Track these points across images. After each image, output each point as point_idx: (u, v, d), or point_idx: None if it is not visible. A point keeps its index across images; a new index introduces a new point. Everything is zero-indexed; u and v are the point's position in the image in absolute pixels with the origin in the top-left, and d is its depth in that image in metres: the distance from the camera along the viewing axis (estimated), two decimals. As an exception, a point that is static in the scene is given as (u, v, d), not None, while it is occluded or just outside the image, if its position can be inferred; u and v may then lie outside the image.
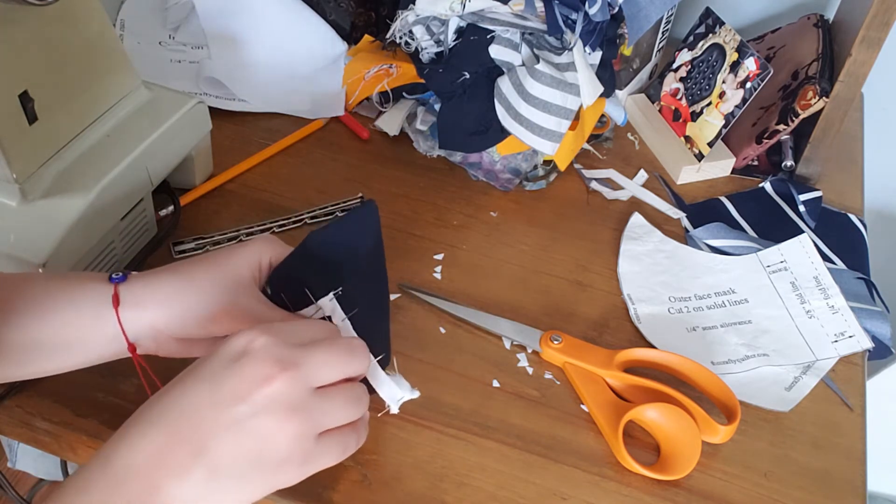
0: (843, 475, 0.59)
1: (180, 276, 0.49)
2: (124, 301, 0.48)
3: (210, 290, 0.48)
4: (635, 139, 0.89)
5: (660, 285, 0.72)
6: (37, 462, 1.09)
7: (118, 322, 0.48)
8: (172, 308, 0.48)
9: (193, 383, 0.40)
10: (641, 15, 0.78)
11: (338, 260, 0.49)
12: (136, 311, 0.48)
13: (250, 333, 0.41)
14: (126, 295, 0.48)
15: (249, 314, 0.48)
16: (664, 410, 0.58)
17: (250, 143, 0.81)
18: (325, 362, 0.42)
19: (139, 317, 0.48)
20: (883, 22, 0.73)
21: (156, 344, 0.50)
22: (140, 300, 0.48)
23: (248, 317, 0.47)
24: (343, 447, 0.43)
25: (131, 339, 0.49)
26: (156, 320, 0.48)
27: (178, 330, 0.48)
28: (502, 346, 0.65)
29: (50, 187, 0.60)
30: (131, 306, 0.48)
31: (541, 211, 0.79)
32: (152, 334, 0.49)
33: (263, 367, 0.40)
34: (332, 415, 0.42)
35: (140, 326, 0.48)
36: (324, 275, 0.49)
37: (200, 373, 0.41)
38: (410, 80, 0.81)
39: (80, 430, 0.56)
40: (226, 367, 0.40)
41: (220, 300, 0.48)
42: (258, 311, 0.48)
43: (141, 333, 0.49)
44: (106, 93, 0.65)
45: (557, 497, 0.56)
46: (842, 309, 0.69)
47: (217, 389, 0.40)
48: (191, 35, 0.92)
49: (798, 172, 0.85)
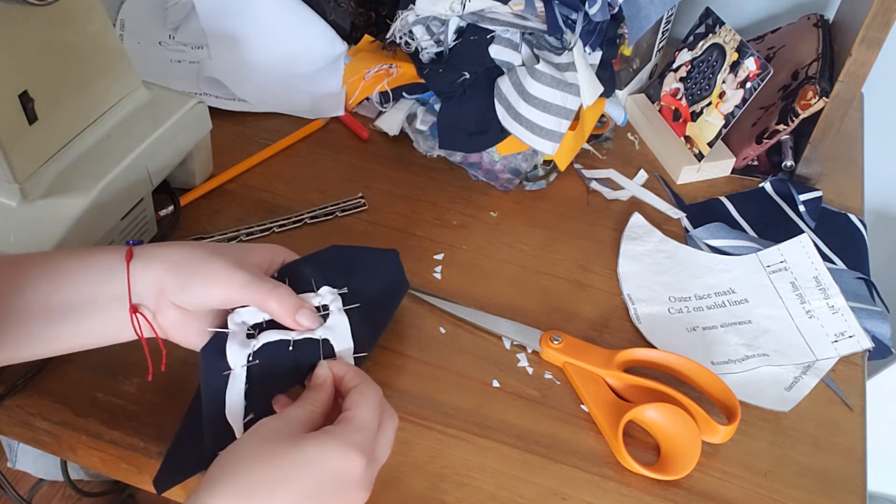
0: (843, 475, 0.59)
1: (195, 245, 0.51)
2: (136, 256, 0.50)
3: (217, 259, 0.50)
4: (635, 139, 0.89)
5: (660, 285, 0.72)
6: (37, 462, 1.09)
7: (127, 275, 0.49)
8: (179, 267, 0.49)
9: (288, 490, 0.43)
10: (641, 15, 0.78)
11: (349, 270, 0.53)
12: (145, 266, 0.49)
13: (350, 455, 0.44)
14: (139, 252, 0.50)
15: (244, 282, 0.49)
16: (664, 410, 0.58)
17: (250, 143, 0.81)
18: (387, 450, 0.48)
19: (146, 275, 0.49)
20: (883, 22, 0.73)
21: (155, 307, 0.50)
22: (151, 256, 0.50)
23: (243, 285, 0.49)
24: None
25: (135, 299, 0.49)
26: (162, 278, 0.49)
27: (179, 292, 0.49)
28: (502, 346, 0.65)
29: (50, 187, 0.60)
30: (142, 261, 0.49)
31: (541, 211, 0.79)
32: (155, 294, 0.50)
33: (360, 493, 0.46)
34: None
35: (146, 284, 0.49)
36: (332, 276, 0.52)
37: (296, 480, 0.43)
38: (410, 80, 0.81)
39: (80, 430, 0.56)
40: (331, 485, 0.44)
41: (224, 264, 0.49)
42: (252, 280, 0.49)
43: (145, 292, 0.50)
44: (106, 93, 0.65)
45: (557, 497, 0.56)
46: (842, 309, 0.69)
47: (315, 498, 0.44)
48: (191, 35, 0.92)
49: (798, 172, 0.85)
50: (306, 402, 0.48)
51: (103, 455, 0.56)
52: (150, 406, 0.58)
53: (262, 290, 0.49)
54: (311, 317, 0.50)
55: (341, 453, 0.44)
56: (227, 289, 0.49)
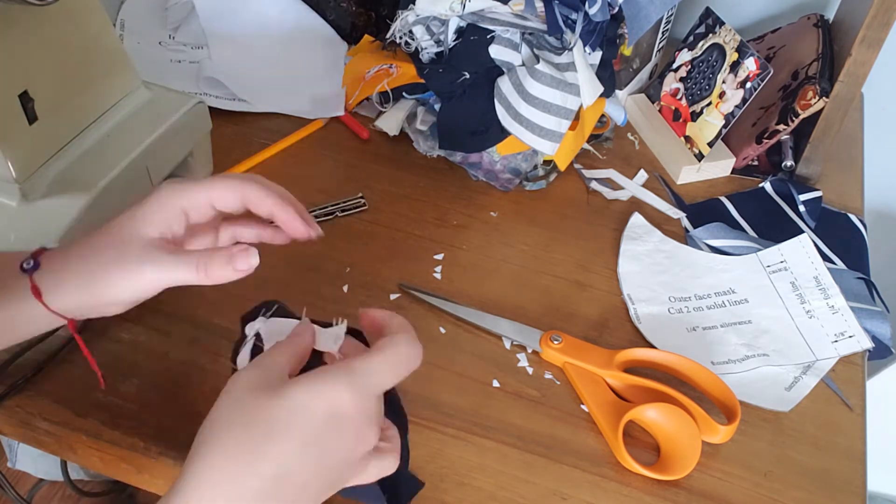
0: (843, 475, 0.59)
1: (89, 246, 0.48)
2: (45, 290, 0.47)
3: (117, 257, 0.47)
4: (635, 139, 0.89)
5: (660, 285, 0.72)
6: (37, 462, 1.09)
7: (48, 309, 0.47)
8: (90, 285, 0.47)
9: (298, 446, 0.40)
10: (641, 15, 0.78)
11: None
12: (59, 297, 0.47)
13: (338, 392, 0.40)
14: (44, 283, 0.48)
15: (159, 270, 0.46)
16: (664, 410, 0.58)
17: (250, 143, 0.81)
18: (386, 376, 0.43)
19: (64, 302, 0.48)
20: (883, 22, 0.73)
21: (91, 312, 0.49)
22: (59, 287, 0.48)
23: (160, 274, 0.46)
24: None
25: (66, 315, 0.48)
26: (80, 303, 0.48)
27: (104, 305, 0.48)
28: (502, 346, 0.65)
29: (50, 187, 0.60)
30: (53, 295, 0.47)
31: (541, 211, 0.79)
32: (82, 310, 0.48)
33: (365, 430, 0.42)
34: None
35: (70, 308, 0.48)
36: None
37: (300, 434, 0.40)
38: (410, 80, 0.81)
39: (80, 430, 0.56)
40: (326, 428, 0.40)
41: (129, 266, 0.47)
42: (166, 266, 0.46)
43: (73, 312, 0.48)
44: (106, 93, 0.65)
45: (557, 497, 0.56)
46: (842, 309, 0.69)
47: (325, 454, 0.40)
48: (191, 35, 0.92)
49: (798, 172, 0.85)
50: (285, 346, 0.44)
51: (103, 455, 0.56)
52: (150, 406, 0.58)
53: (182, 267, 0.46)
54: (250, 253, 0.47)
55: (329, 392, 0.40)
56: (149, 282, 0.46)
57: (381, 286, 0.69)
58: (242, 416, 0.40)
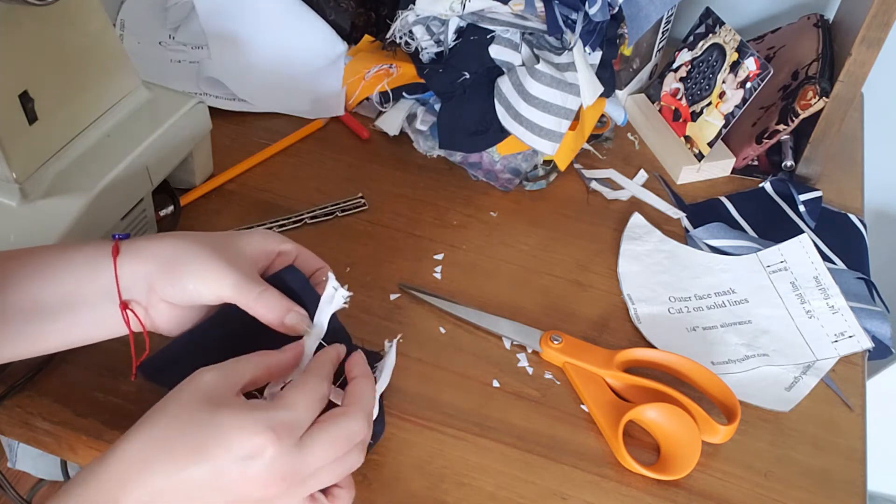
0: (843, 475, 0.59)
1: (185, 237, 0.50)
2: (124, 252, 0.48)
3: (208, 256, 0.48)
4: (635, 139, 0.89)
5: (660, 285, 0.72)
6: (37, 462, 1.09)
7: (114, 272, 0.47)
8: (169, 263, 0.48)
9: (191, 462, 0.41)
10: (641, 15, 0.78)
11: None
12: (133, 261, 0.48)
13: (260, 438, 0.41)
14: (126, 246, 0.49)
15: (234, 283, 0.48)
16: (664, 410, 0.58)
17: (250, 143, 0.81)
18: (327, 467, 0.44)
19: (134, 270, 0.48)
20: (883, 22, 0.73)
21: (146, 302, 0.49)
22: (139, 251, 0.48)
23: (233, 286, 0.48)
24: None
25: (125, 295, 0.48)
26: (151, 274, 0.48)
27: (169, 289, 0.48)
28: (502, 346, 0.65)
29: (50, 187, 0.60)
30: (129, 256, 0.48)
31: (541, 211, 0.79)
32: (145, 290, 0.48)
33: (269, 482, 0.41)
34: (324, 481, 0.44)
35: (135, 281, 0.48)
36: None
37: (201, 453, 0.41)
38: (410, 80, 0.81)
39: (80, 430, 0.56)
40: (234, 463, 0.41)
41: (215, 262, 0.48)
42: (241, 281, 0.48)
43: (135, 288, 0.48)
44: (106, 93, 0.65)
45: (557, 497, 0.56)
46: (842, 309, 0.69)
47: (218, 480, 0.41)
48: (191, 35, 0.92)
49: (798, 172, 0.85)
50: (257, 358, 0.45)
51: (103, 455, 0.56)
52: (150, 406, 0.58)
53: (252, 293, 0.48)
54: (300, 319, 0.49)
55: (252, 432, 0.40)
56: (218, 288, 0.48)
57: (381, 286, 0.69)
58: (179, 423, 0.42)
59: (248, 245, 0.51)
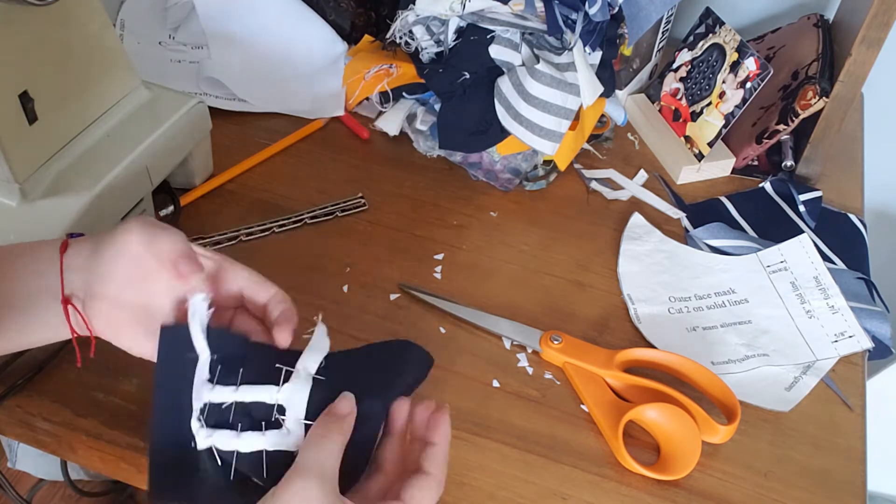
0: (843, 475, 0.59)
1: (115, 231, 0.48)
2: (72, 245, 0.48)
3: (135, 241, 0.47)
4: (635, 139, 0.89)
5: (660, 285, 0.72)
6: (37, 462, 1.09)
7: (60, 266, 0.47)
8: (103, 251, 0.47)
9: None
10: (641, 15, 0.78)
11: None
12: (77, 254, 0.47)
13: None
14: (75, 241, 0.48)
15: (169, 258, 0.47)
16: (664, 410, 0.58)
17: (250, 143, 0.81)
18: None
19: (77, 264, 0.47)
20: (883, 22, 0.73)
21: (84, 297, 0.47)
22: (83, 245, 0.48)
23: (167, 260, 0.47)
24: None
25: (68, 289, 0.47)
26: (90, 264, 0.47)
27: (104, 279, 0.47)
28: (502, 346, 0.65)
29: (50, 187, 0.60)
30: (75, 249, 0.47)
31: (541, 211, 0.79)
32: (84, 285, 0.47)
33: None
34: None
35: (78, 273, 0.47)
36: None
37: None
38: (410, 80, 0.81)
39: (80, 430, 0.56)
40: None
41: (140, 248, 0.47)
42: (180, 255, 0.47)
43: (77, 282, 0.47)
44: (106, 93, 0.65)
45: (557, 497, 0.56)
46: (842, 309, 0.69)
47: None
48: (191, 35, 0.92)
49: (798, 172, 0.85)
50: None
51: (103, 455, 0.56)
52: (150, 406, 0.58)
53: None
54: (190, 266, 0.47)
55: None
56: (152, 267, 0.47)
57: (381, 286, 0.69)
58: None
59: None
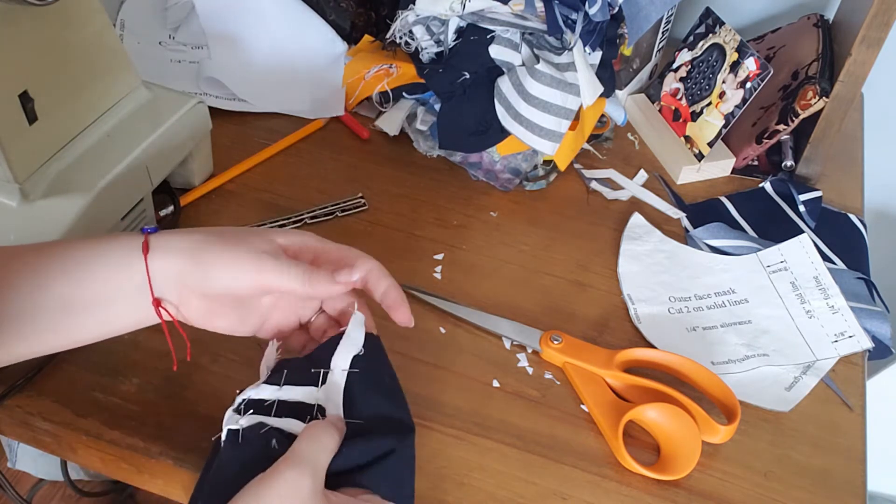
0: (843, 475, 0.59)
1: (211, 230, 0.50)
2: (154, 247, 0.48)
3: (240, 246, 0.48)
4: (635, 139, 0.89)
5: (660, 285, 0.72)
6: (37, 462, 1.09)
7: (146, 269, 0.47)
8: (201, 257, 0.48)
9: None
10: (641, 15, 0.78)
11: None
12: (164, 258, 0.48)
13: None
14: (156, 242, 0.48)
15: (273, 267, 0.48)
16: (664, 410, 0.58)
17: (250, 143, 0.81)
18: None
19: (166, 266, 0.48)
20: (883, 22, 0.73)
21: (178, 299, 0.49)
22: (169, 247, 0.48)
23: (272, 270, 0.48)
24: None
25: (157, 292, 0.48)
26: (183, 271, 0.48)
27: (203, 282, 0.48)
28: (502, 346, 0.65)
29: (50, 187, 0.60)
30: (160, 253, 0.48)
31: (541, 211, 0.79)
32: (177, 286, 0.48)
33: None
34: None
35: (166, 276, 0.48)
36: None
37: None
38: (410, 80, 0.81)
39: (80, 430, 0.56)
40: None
41: (249, 253, 0.48)
42: (279, 267, 0.48)
43: (166, 284, 0.48)
44: (106, 93, 0.65)
45: (557, 497, 0.56)
46: (842, 309, 0.69)
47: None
48: (191, 35, 0.92)
49: (798, 172, 0.85)
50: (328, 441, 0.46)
51: (103, 455, 0.56)
52: (150, 406, 0.58)
53: (288, 273, 0.48)
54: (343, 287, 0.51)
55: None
56: (257, 273, 0.48)
57: (381, 286, 0.69)
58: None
59: (282, 234, 0.51)
